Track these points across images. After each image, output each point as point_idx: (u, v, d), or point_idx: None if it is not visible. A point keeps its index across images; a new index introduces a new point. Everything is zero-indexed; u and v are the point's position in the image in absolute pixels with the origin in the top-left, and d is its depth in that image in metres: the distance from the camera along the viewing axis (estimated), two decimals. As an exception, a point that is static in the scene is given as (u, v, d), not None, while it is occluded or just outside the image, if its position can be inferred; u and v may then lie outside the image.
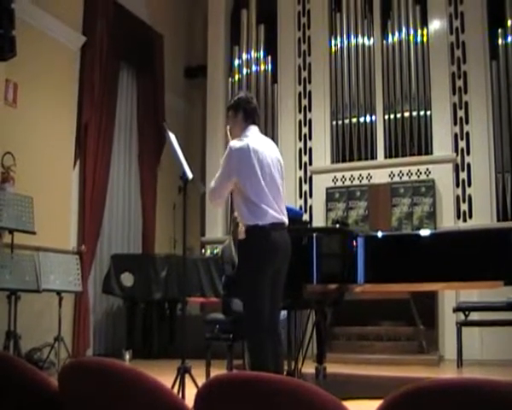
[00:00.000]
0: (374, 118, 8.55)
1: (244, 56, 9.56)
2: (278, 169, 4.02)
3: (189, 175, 4.22)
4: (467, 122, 8.14)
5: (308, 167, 8.92)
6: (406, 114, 8.32)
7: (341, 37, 8.92)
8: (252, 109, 4.08)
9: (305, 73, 9.19)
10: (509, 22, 7.97)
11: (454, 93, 8.24)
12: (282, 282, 3.94)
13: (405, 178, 8.25)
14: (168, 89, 9.61)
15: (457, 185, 8.08)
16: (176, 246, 8.50)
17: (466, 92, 8.18)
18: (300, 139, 9.08)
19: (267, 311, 3.80)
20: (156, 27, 9.35)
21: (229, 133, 4.16)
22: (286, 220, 3.96)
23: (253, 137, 3.96)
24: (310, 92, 9.10)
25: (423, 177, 8.16)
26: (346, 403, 1.39)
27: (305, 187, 8.94)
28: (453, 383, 1.22)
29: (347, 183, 8.56)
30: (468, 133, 8.12)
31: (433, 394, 1.23)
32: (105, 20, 8.03)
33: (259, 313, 3.76)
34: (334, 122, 8.79)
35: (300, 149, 9.05)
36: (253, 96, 4.59)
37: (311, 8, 9.22)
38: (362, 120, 8.61)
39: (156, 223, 9.11)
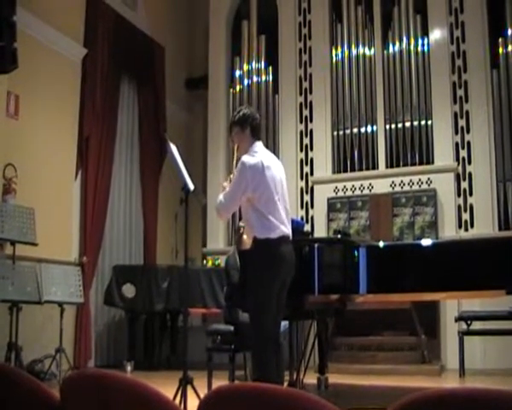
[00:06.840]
0: (375, 128, 8.55)
1: (245, 67, 9.57)
2: (284, 185, 4.08)
3: (191, 186, 4.22)
4: (468, 131, 8.15)
5: (309, 178, 8.92)
6: (407, 124, 8.33)
7: (342, 47, 8.95)
8: (257, 125, 4.13)
9: (306, 84, 9.21)
10: (509, 31, 7.99)
11: (455, 102, 8.25)
12: (285, 294, 3.96)
13: (407, 187, 8.24)
14: (169, 100, 9.64)
15: (459, 195, 8.07)
16: (177, 257, 8.49)
17: (467, 101, 8.19)
18: (302, 150, 9.07)
19: (272, 322, 3.82)
20: (157, 39, 9.39)
21: (236, 149, 4.19)
22: (291, 233, 4.00)
23: (263, 154, 4.01)
24: (311, 103, 9.11)
25: (424, 186, 8.15)
26: (348, 414, 1.39)
27: (307, 197, 8.93)
28: (455, 393, 1.21)
29: (349, 193, 8.55)
30: (469, 142, 8.12)
31: (436, 403, 1.23)
32: (106, 31, 8.08)
33: (266, 325, 3.78)
34: (336, 132, 8.79)
35: (302, 160, 9.05)
36: (256, 110, 4.65)
37: (312, 18, 9.25)
38: (363, 130, 8.61)
39: (158, 234, 9.12)
